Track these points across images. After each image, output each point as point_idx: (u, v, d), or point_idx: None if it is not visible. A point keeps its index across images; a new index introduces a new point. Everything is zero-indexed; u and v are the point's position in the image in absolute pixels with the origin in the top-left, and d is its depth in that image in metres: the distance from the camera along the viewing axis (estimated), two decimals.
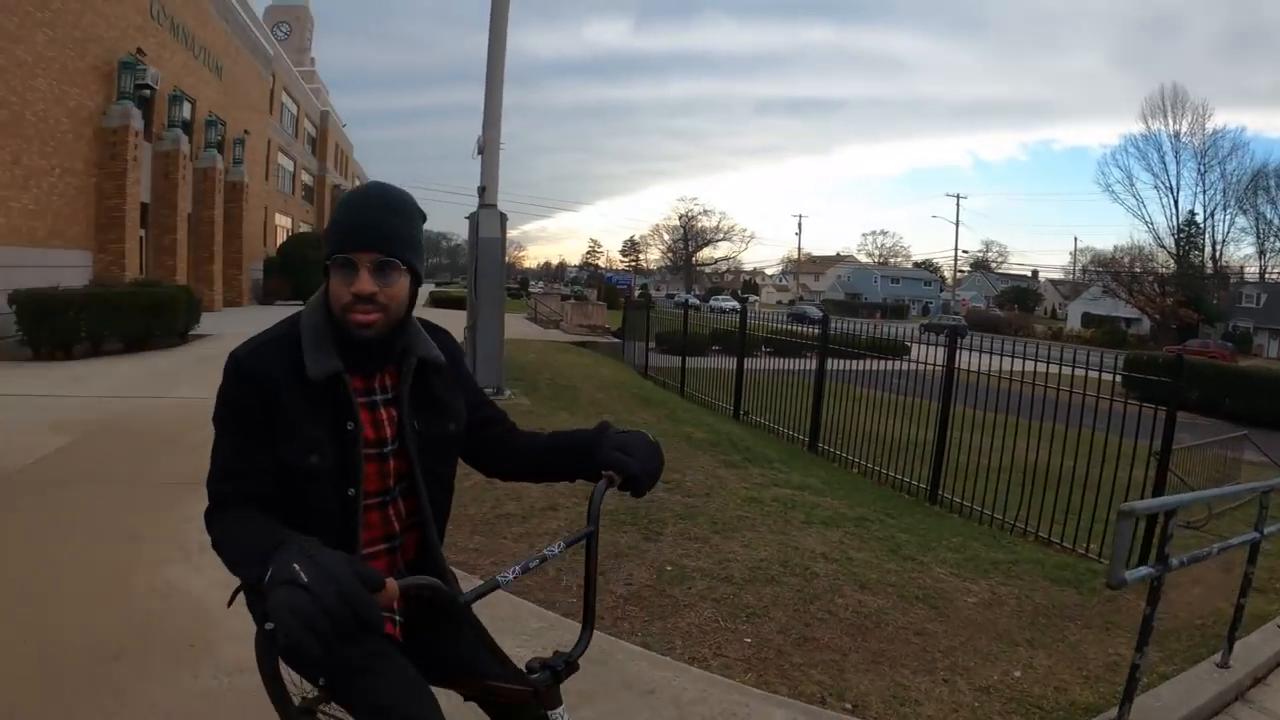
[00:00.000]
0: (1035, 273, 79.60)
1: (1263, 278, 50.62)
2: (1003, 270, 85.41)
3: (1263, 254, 50.51)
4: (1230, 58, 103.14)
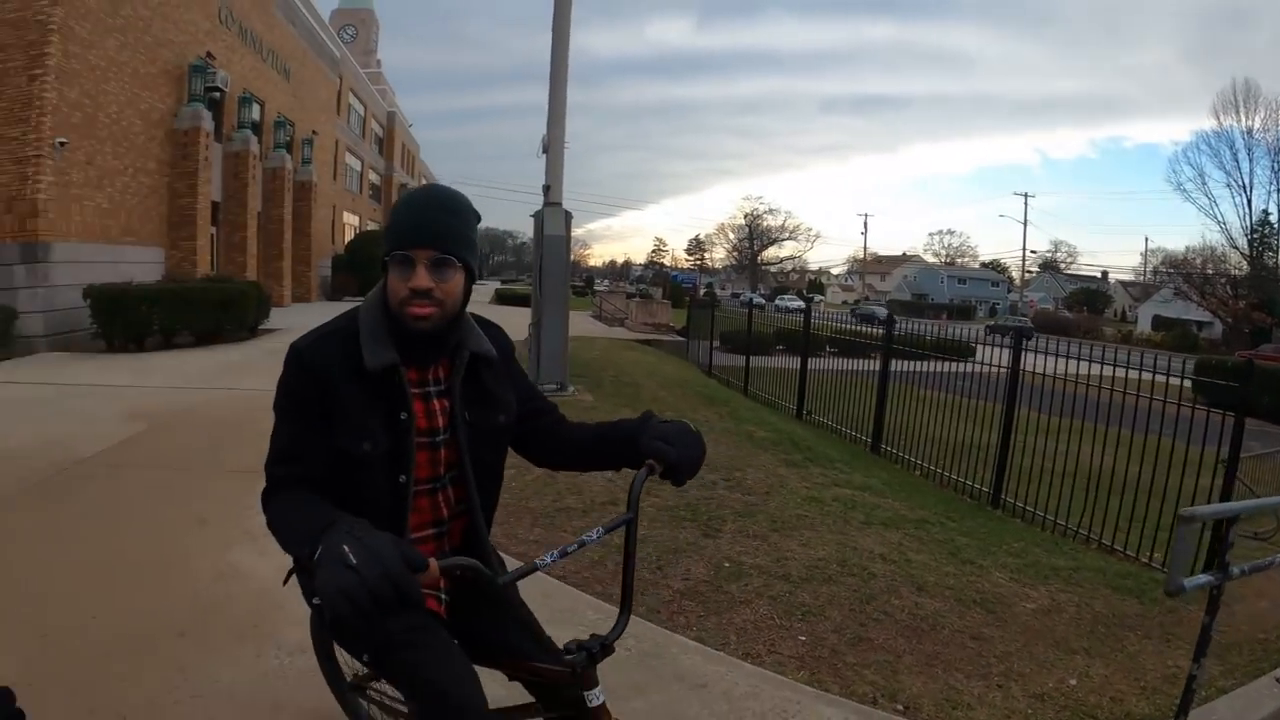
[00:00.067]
0: (1105, 274, 76.63)
1: None
2: (1071, 271, 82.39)
3: None
4: None
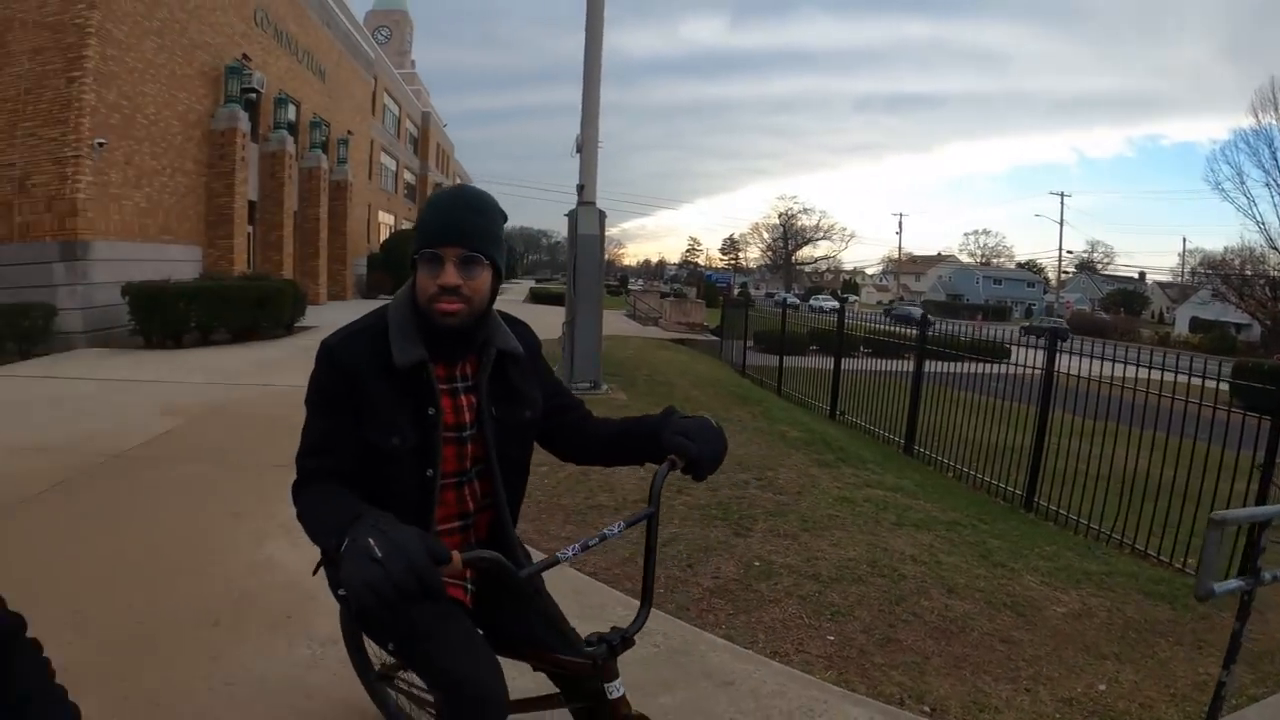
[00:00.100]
0: (1142, 275, 75.19)
1: None
2: (1108, 272, 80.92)
3: None
4: None
